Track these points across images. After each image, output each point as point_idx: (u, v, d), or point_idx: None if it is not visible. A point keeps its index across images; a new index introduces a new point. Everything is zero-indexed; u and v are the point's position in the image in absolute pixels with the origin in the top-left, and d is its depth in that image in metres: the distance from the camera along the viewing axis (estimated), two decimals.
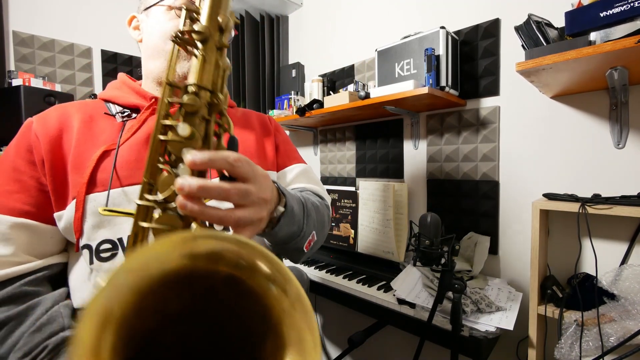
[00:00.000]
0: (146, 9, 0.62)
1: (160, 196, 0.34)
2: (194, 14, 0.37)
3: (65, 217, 0.52)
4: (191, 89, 0.36)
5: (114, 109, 0.60)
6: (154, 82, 0.64)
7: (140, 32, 0.64)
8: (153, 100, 0.60)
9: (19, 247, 0.51)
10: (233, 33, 0.64)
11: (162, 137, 0.35)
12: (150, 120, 0.58)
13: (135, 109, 0.60)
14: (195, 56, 0.37)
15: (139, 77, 0.69)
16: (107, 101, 0.61)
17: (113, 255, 0.51)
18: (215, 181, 0.35)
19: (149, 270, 0.25)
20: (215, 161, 0.34)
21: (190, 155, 0.33)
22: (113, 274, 0.24)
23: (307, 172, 0.77)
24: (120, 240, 0.52)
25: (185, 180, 0.32)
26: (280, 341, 0.29)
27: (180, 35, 0.37)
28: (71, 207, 0.51)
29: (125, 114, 0.59)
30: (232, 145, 0.39)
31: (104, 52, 1.91)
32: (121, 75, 0.67)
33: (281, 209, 0.48)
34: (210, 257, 0.28)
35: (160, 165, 0.35)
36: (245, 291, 0.29)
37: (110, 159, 0.53)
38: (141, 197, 0.35)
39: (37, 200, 0.53)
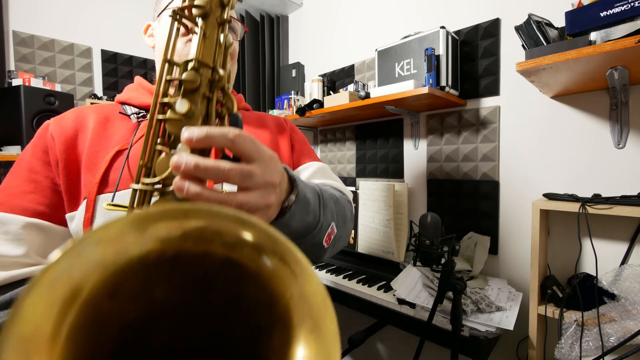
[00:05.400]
0: (158, 15, 0.64)
1: (157, 179, 0.32)
2: None
3: (76, 218, 0.51)
4: (191, 64, 0.34)
5: (130, 109, 0.61)
6: None
7: (153, 38, 0.65)
8: None
9: (30, 248, 0.49)
10: (244, 30, 0.64)
11: (160, 117, 0.33)
12: None
13: None
14: (195, 33, 0.35)
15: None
16: (123, 103, 0.63)
17: None
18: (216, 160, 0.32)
19: (125, 244, 0.21)
20: (213, 137, 0.31)
21: (187, 132, 0.30)
22: (75, 242, 0.19)
23: (324, 170, 0.74)
24: None
25: (181, 158, 0.29)
26: (289, 333, 0.25)
27: (179, 11, 0.35)
28: (82, 207, 0.51)
29: (141, 114, 0.60)
30: (235, 122, 0.36)
31: (104, 52, 1.91)
32: (138, 78, 0.68)
33: (293, 197, 0.44)
34: (204, 236, 0.24)
35: (159, 147, 0.33)
36: (247, 276, 0.26)
37: (123, 158, 0.53)
38: (137, 181, 0.33)
39: (51, 200, 0.52)
